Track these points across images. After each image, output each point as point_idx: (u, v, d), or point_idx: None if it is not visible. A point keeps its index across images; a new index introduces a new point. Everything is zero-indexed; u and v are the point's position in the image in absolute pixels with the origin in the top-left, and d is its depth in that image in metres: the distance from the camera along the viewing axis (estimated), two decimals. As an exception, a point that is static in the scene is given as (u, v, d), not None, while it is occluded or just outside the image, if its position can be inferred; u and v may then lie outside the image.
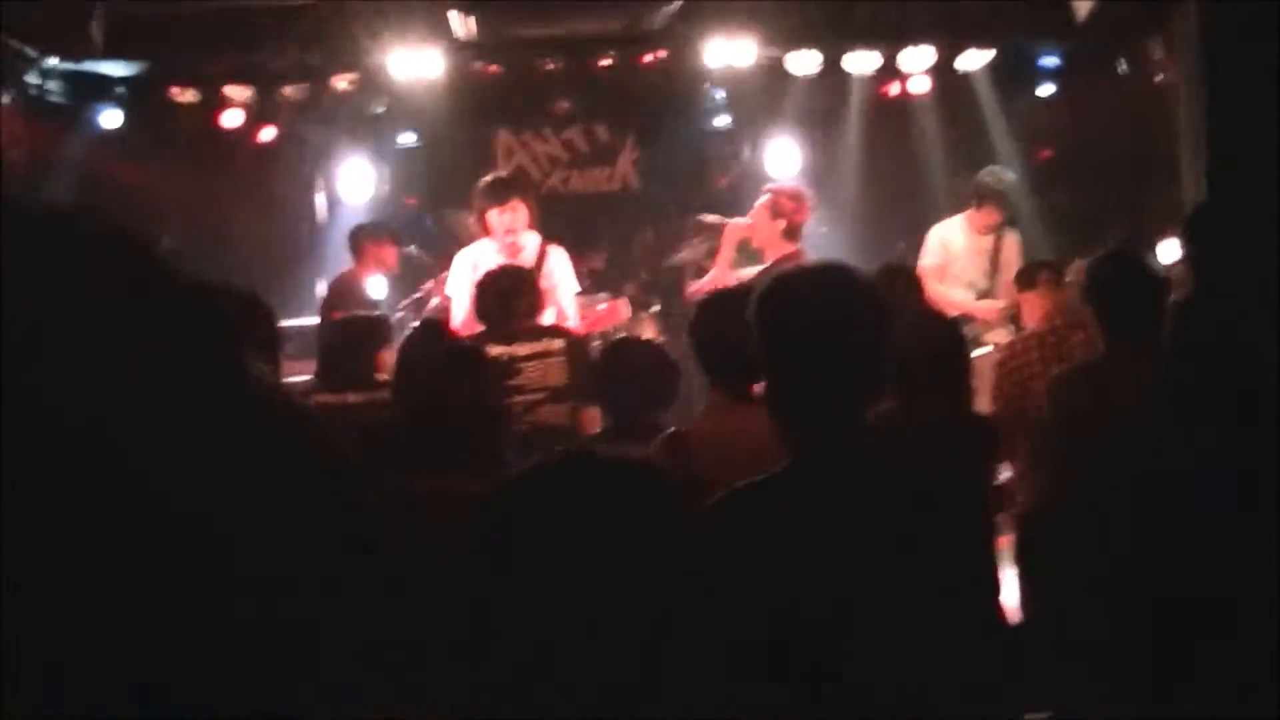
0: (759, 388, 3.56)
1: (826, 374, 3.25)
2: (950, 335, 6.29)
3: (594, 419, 6.74)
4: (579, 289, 9.75)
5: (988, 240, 10.38)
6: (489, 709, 2.38)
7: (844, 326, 3.26)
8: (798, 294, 3.37)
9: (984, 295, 10.30)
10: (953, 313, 9.57)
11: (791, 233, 9.43)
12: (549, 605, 2.31)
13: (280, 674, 2.43)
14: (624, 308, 10.62)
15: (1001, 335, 9.99)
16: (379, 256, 10.92)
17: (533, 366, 7.31)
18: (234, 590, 2.34)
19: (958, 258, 10.35)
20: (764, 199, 9.57)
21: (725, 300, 5.17)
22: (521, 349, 7.35)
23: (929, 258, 10.41)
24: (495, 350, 7.22)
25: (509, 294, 7.64)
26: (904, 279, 7.16)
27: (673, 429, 5.16)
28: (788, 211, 9.41)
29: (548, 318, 8.48)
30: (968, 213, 10.43)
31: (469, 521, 4.84)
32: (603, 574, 2.26)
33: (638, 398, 5.70)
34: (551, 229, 9.94)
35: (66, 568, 2.13)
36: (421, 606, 4.76)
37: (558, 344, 7.43)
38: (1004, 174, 10.39)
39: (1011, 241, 10.43)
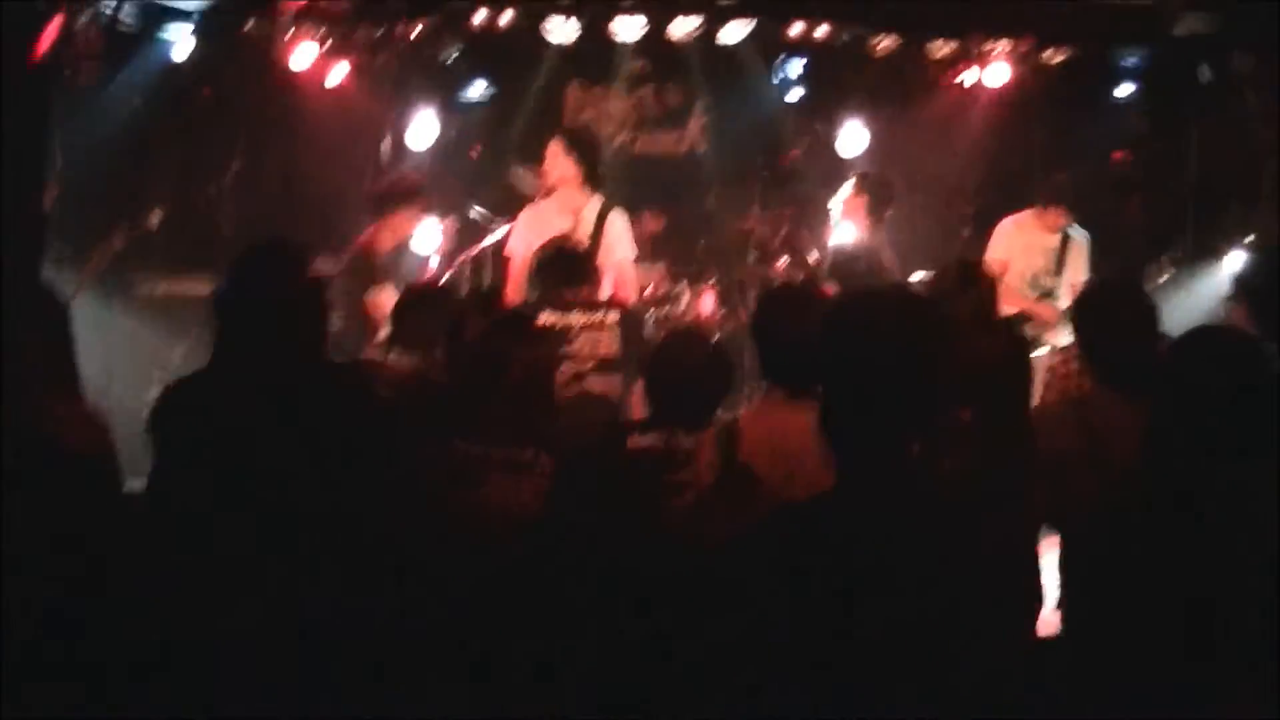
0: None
1: (879, 404, 3.20)
2: (1016, 352, 6.22)
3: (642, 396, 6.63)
4: (636, 254, 9.70)
5: (1054, 239, 10.29)
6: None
7: (901, 359, 3.20)
8: (859, 323, 3.31)
9: (1046, 294, 10.19)
10: (1013, 311, 9.54)
11: (876, 207, 9.58)
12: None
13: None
14: (710, 303, 10.65)
15: (1060, 336, 9.93)
16: (396, 225, 9.77)
17: (586, 336, 7.27)
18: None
19: (1023, 255, 10.25)
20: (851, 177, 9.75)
21: (787, 298, 5.13)
22: (576, 318, 7.31)
23: (994, 251, 10.33)
24: (549, 318, 7.25)
25: (566, 266, 7.61)
26: (976, 281, 7.06)
27: (725, 421, 5.10)
28: (875, 186, 9.61)
29: (605, 287, 8.45)
30: (1036, 210, 10.31)
31: (518, 487, 4.88)
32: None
33: (689, 400, 5.54)
34: (615, 189, 9.90)
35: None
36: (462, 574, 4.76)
37: (612, 317, 7.41)
38: (1074, 176, 10.25)
39: (1078, 244, 10.32)
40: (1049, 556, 5.70)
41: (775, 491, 4.61)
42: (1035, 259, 10.27)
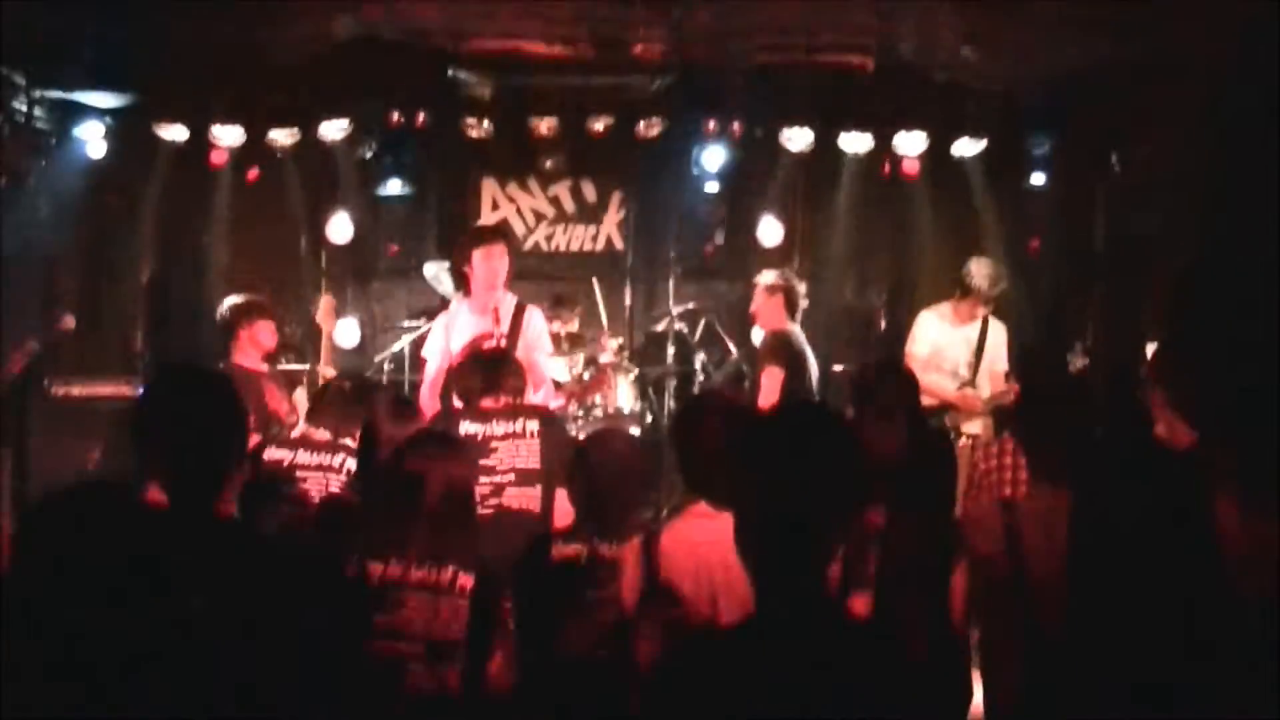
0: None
1: (792, 527, 3.14)
2: (938, 449, 6.26)
3: (564, 504, 6.52)
4: (552, 351, 9.72)
5: (972, 329, 10.35)
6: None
7: (809, 481, 3.15)
8: (765, 442, 3.26)
9: (966, 384, 10.25)
10: (932, 402, 9.60)
11: (791, 308, 9.71)
12: None
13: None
14: (608, 379, 10.67)
15: (980, 426, 9.99)
16: (254, 337, 9.60)
17: (506, 446, 7.16)
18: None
19: (942, 346, 10.31)
20: (769, 275, 9.90)
21: (705, 409, 5.09)
22: (496, 428, 7.21)
23: (916, 345, 10.40)
24: (469, 428, 7.13)
25: (487, 372, 7.50)
26: (896, 378, 7.07)
27: (646, 532, 5.06)
28: (790, 289, 9.75)
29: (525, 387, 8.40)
30: (952, 301, 10.39)
31: (436, 609, 4.81)
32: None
33: (609, 505, 5.54)
34: (532, 286, 9.92)
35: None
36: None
37: (533, 425, 7.26)
38: (988, 265, 10.32)
39: (997, 332, 10.39)
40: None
41: (698, 610, 4.58)
42: (955, 350, 10.32)
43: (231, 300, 9.67)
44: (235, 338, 9.52)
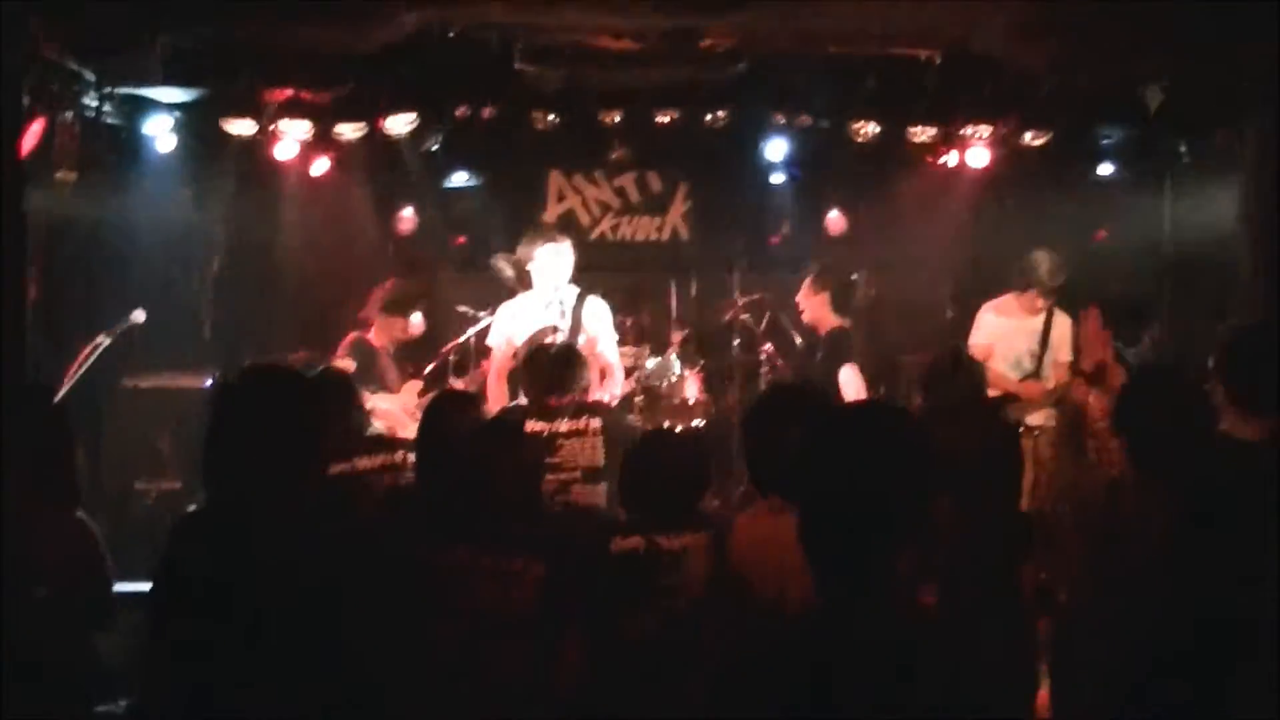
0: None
1: (859, 524, 3.13)
2: (1007, 441, 6.22)
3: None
4: (617, 338, 9.74)
5: (1037, 321, 10.30)
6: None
7: (879, 475, 3.14)
8: (838, 440, 3.25)
9: (1029, 376, 10.19)
10: (996, 394, 9.55)
11: (840, 305, 9.50)
12: None
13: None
14: (695, 389, 10.71)
15: (1044, 417, 9.91)
16: (389, 326, 10.47)
17: (570, 444, 7.20)
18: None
19: (1005, 338, 10.27)
20: (809, 274, 9.69)
21: (775, 405, 5.08)
22: (561, 426, 7.25)
23: (977, 335, 10.38)
24: (535, 426, 7.16)
25: (551, 370, 7.53)
26: (965, 369, 7.06)
27: (717, 526, 5.06)
28: (835, 284, 9.50)
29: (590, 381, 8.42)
30: (1014, 294, 10.34)
31: (507, 595, 4.84)
32: None
33: (665, 495, 5.55)
34: (598, 277, 9.93)
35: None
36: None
37: (595, 423, 7.31)
38: (1049, 257, 10.24)
39: (1062, 323, 10.32)
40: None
41: (767, 603, 4.57)
42: (1018, 342, 10.29)
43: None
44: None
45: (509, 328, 9.40)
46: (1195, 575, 4.62)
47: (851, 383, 9.63)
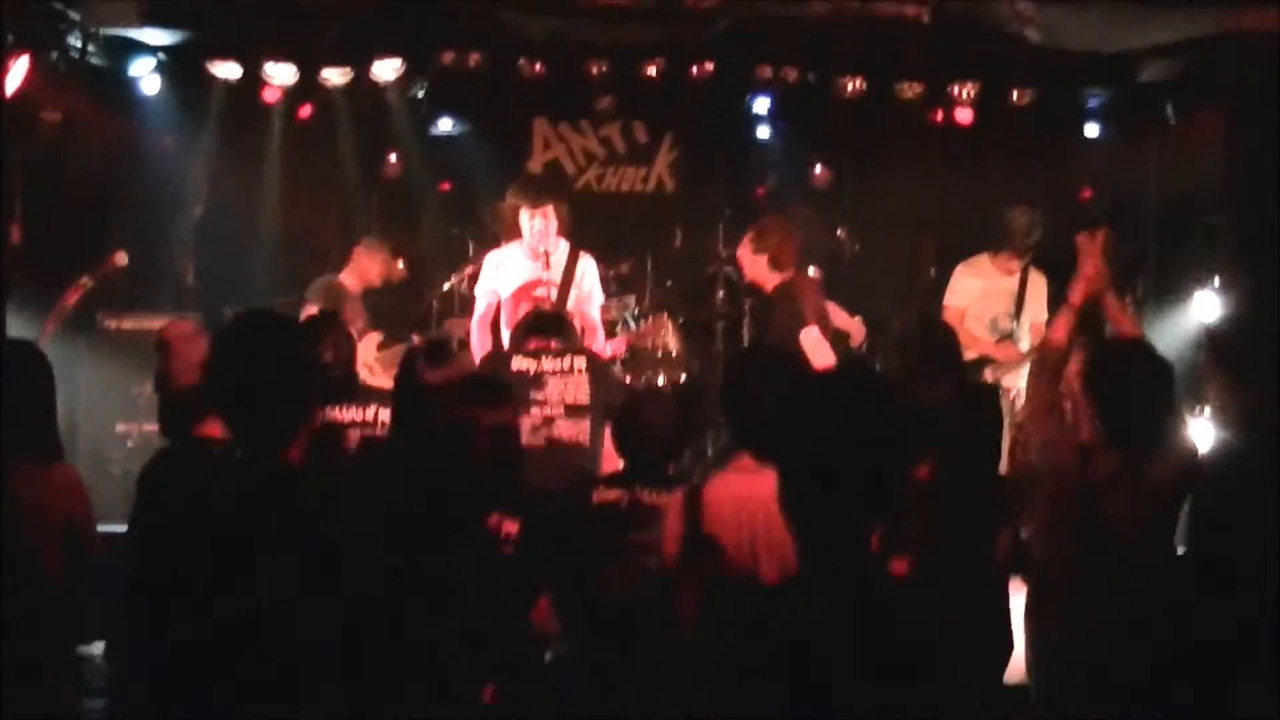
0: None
1: (839, 486, 3.13)
2: (988, 406, 6.25)
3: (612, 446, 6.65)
4: (604, 300, 9.74)
5: (1012, 281, 10.29)
6: None
7: (857, 438, 3.14)
8: (815, 405, 3.25)
9: (1006, 336, 10.20)
10: (972, 355, 9.52)
11: (778, 262, 9.30)
12: None
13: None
14: (665, 323, 10.66)
15: (1021, 378, 9.89)
16: (366, 267, 10.61)
17: (556, 380, 7.28)
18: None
19: (980, 299, 10.25)
20: (745, 238, 9.49)
21: (753, 363, 5.10)
22: (547, 364, 7.32)
23: (952, 298, 10.38)
24: (521, 364, 7.27)
25: (541, 323, 7.65)
26: (939, 333, 7.05)
27: (690, 484, 5.09)
28: (769, 244, 9.31)
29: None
30: (989, 253, 10.33)
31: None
32: None
33: (650, 452, 5.78)
34: (582, 227, 9.90)
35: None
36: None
37: (580, 362, 7.39)
38: (1023, 214, 10.21)
39: (1037, 282, 10.32)
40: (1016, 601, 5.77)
41: (739, 563, 4.60)
42: (994, 302, 10.27)
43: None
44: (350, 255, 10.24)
45: (495, 277, 9.38)
46: (1164, 543, 4.68)
47: (816, 348, 8.95)
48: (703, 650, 3.23)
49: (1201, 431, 8.26)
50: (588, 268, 9.39)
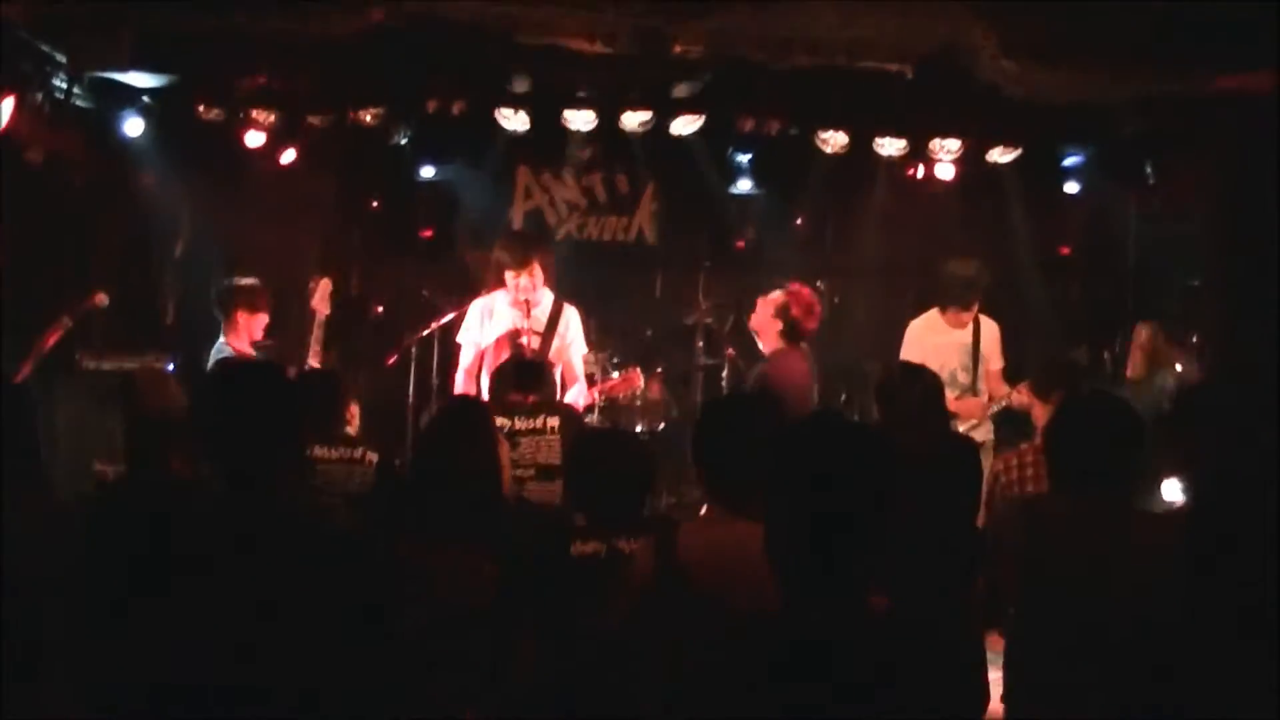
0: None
1: (821, 532, 3.18)
2: (968, 457, 6.27)
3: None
4: (587, 351, 9.76)
5: (965, 333, 10.25)
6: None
7: (843, 490, 3.19)
8: (802, 451, 3.29)
9: (966, 391, 10.17)
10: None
11: (791, 334, 9.37)
12: None
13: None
14: (638, 377, 10.64)
15: (984, 433, 9.87)
16: (250, 325, 9.91)
17: (528, 441, 7.27)
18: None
19: (935, 354, 9.96)
20: (775, 295, 9.51)
21: (725, 415, 5.06)
22: (520, 423, 7.31)
23: (908, 352, 10.19)
24: (496, 421, 7.21)
25: (522, 383, 7.67)
26: (920, 382, 7.06)
27: (663, 527, 5.05)
28: (794, 316, 9.36)
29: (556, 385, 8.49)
30: (938, 309, 10.36)
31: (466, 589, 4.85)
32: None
33: (608, 495, 5.55)
34: (564, 276, 9.92)
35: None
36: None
37: (554, 421, 7.38)
38: (970, 267, 10.24)
39: (990, 330, 10.30)
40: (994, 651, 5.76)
41: (715, 594, 4.56)
42: (949, 358, 10.16)
43: (240, 281, 9.80)
44: (233, 319, 9.77)
45: (479, 325, 9.40)
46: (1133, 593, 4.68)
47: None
48: (679, 684, 3.24)
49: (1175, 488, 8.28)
50: (571, 317, 9.40)
